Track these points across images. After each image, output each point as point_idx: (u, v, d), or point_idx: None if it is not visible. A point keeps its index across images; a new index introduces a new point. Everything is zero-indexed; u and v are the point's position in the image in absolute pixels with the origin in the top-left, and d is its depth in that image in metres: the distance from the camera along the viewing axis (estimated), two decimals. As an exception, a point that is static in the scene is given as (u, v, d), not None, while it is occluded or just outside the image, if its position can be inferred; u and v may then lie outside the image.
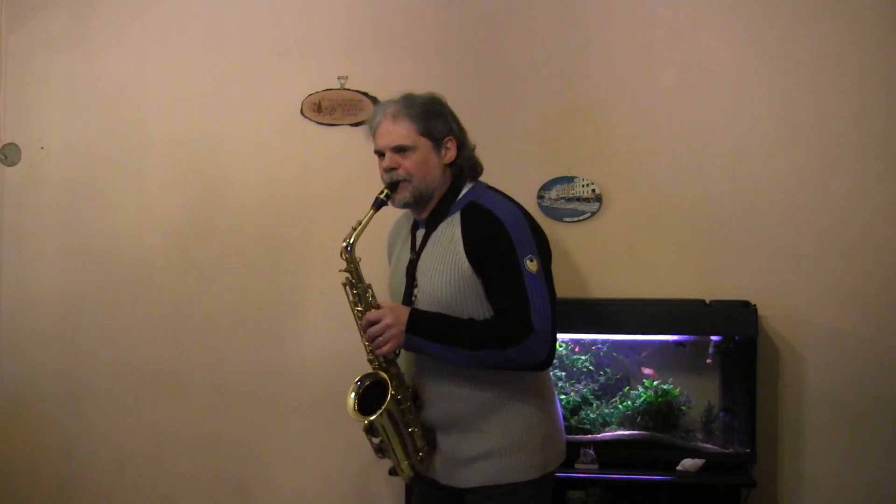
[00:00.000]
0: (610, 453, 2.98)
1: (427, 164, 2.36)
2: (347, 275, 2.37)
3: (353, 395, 2.36)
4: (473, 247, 2.31)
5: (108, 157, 3.52)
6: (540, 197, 3.24)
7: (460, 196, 2.40)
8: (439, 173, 2.38)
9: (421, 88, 2.51)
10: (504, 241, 2.28)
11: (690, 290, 3.12)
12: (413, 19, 3.36)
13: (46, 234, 3.56)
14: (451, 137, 2.40)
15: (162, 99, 3.49)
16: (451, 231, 2.36)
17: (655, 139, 3.21)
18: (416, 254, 2.42)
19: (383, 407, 2.30)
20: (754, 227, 3.14)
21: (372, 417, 2.30)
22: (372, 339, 2.30)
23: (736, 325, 2.97)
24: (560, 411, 2.48)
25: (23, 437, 3.56)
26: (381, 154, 2.40)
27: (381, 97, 3.32)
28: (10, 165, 3.59)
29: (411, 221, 2.49)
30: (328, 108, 3.38)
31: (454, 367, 2.32)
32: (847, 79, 3.10)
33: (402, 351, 2.38)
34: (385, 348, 2.29)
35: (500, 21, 3.31)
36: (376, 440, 2.37)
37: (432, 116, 2.38)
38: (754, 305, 2.99)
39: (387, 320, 2.28)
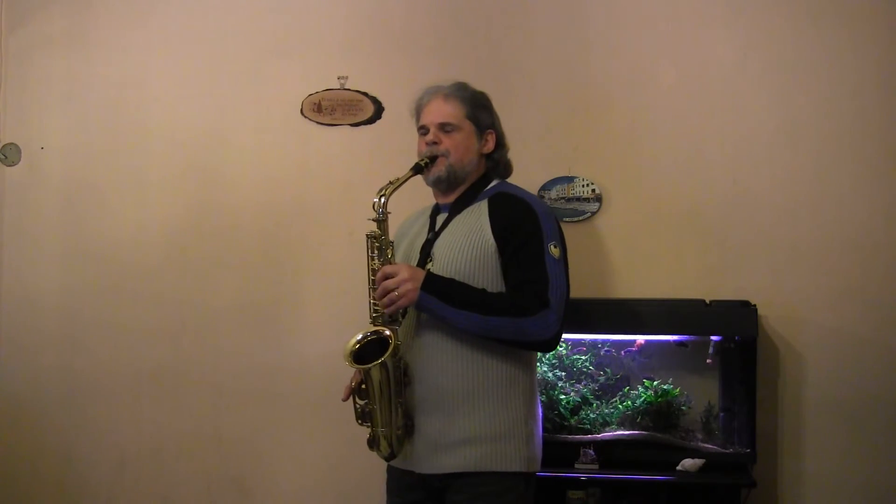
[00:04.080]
0: (610, 453, 2.97)
1: (467, 147, 2.42)
2: (374, 228, 2.34)
3: (354, 340, 2.32)
4: (501, 225, 2.32)
5: (108, 157, 3.52)
6: (540, 197, 3.24)
7: (488, 187, 2.45)
8: (475, 159, 2.44)
9: (420, 88, 2.55)
10: (532, 224, 2.31)
11: (690, 290, 3.11)
12: (413, 19, 3.37)
13: (46, 233, 3.56)
14: (493, 131, 2.48)
15: (162, 99, 3.50)
16: (477, 213, 2.38)
17: (656, 139, 3.21)
18: (434, 234, 2.42)
19: (386, 354, 2.25)
20: (754, 227, 3.14)
21: (369, 365, 2.25)
22: (385, 293, 2.26)
23: (736, 325, 2.96)
24: (541, 421, 2.45)
25: (23, 437, 3.55)
26: (424, 131, 2.44)
27: (381, 97, 3.37)
28: (10, 165, 3.59)
29: (427, 213, 2.51)
30: (328, 108, 3.38)
31: (451, 342, 2.29)
32: (846, 79, 3.11)
33: (402, 321, 2.35)
34: (398, 304, 2.25)
35: (500, 21, 3.32)
36: (362, 402, 2.34)
37: (480, 107, 2.46)
38: (754, 305, 2.99)
39: (403, 275, 2.25)
